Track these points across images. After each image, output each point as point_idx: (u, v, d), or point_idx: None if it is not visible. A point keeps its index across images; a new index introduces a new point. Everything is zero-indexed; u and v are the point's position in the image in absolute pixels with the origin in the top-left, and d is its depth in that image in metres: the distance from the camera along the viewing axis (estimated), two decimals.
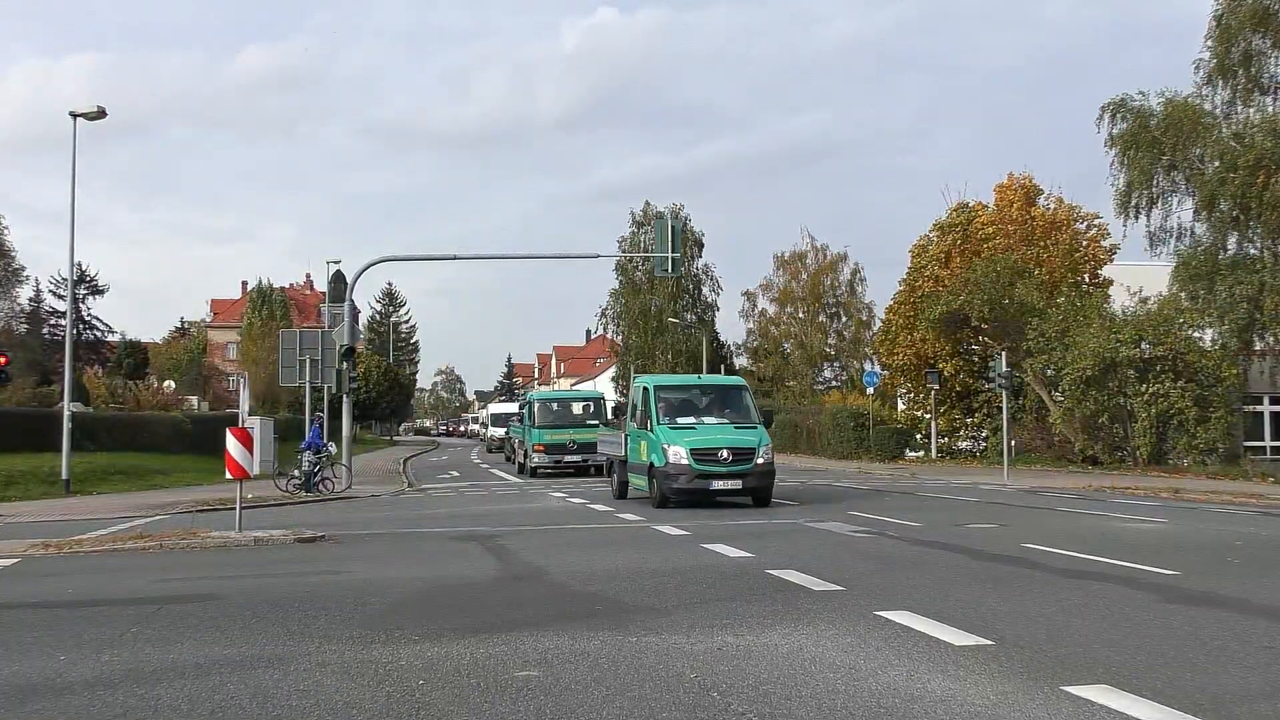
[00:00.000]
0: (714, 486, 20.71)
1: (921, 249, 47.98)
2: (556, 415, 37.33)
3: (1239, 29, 32.75)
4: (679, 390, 23.71)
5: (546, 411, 37.49)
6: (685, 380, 27.05)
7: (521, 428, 39.73)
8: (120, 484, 31.91)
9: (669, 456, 20.82)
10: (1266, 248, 32.48)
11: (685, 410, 22.38)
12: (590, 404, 38.56)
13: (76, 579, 12.57)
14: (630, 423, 23.43)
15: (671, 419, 21.81)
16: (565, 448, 36.02)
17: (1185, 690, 6.67)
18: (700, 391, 23.50)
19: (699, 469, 20.67)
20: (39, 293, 73.85)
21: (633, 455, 23.11)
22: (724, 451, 20.85)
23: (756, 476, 21.00)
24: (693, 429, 21.45)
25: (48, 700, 6.90)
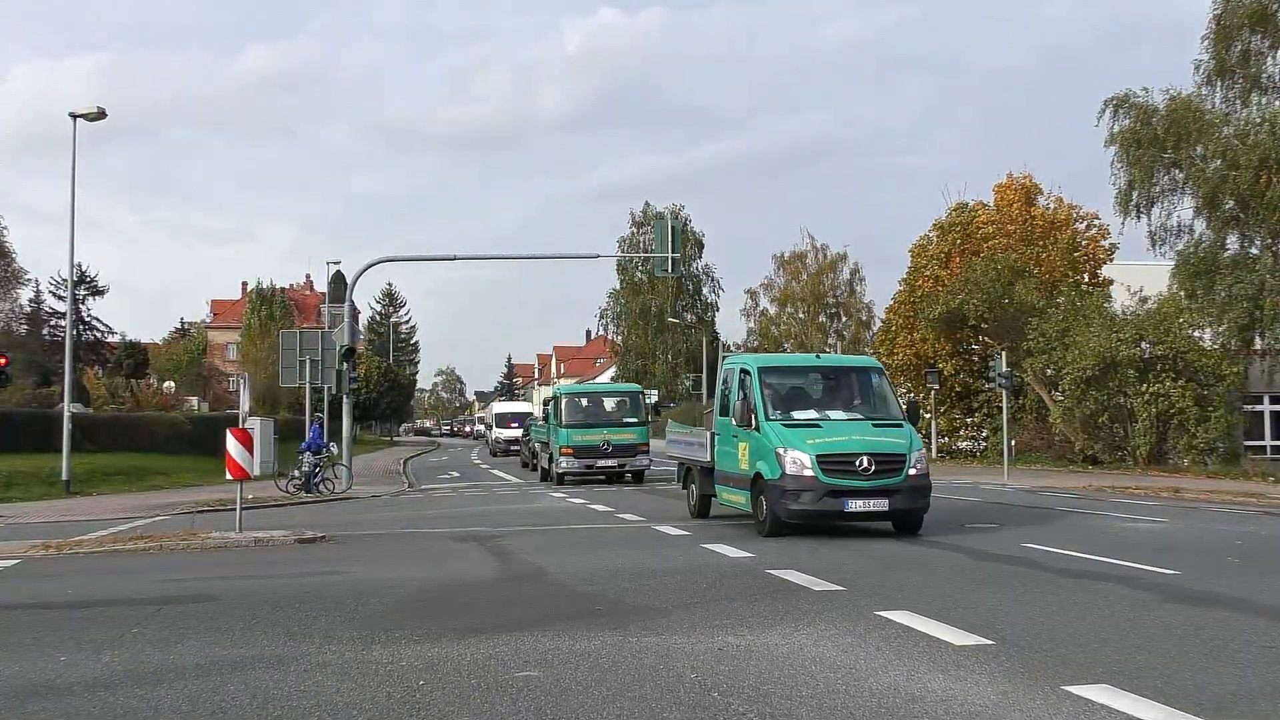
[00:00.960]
0: (850, 508, 15.16)
1: (921, 249, 47.98)
2: (588, 412, 31.86)
3: (1237, 29, 32.74)
4: (793, 373, 17.82)
5: (575, 408, 31.96)
6: (800, 361, 20.73)
7: (545, 427, 34.24)
8: (120, 485, 31.93)
9: (786, 465, 15.28)
10: (1267, 247, 32.47)
11: (800, 401, 16.82)
12: (627, 398, 32.93)
13: (76, 580, 12.57)
14: (721, 417, 17.72)
15: (784, 413, 16.23)
16: (598, 450, 30.67)
17: (1185, 690, 6.68)
18: (821, 375, 17.59)
19: (829, 483, 15.13)
20: (39, 293, 73.92)
21: (723, 462, 17.48)
22: (864, 459, 15.21)
23: (908, 494, 15.44)
24: (816, 427, 15.96)
25: (48, 701, 6.90)
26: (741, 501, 16.71)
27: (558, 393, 33.78)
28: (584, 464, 30.76)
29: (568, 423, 31.12)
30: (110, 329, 79.48)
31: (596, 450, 30.71)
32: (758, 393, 16.36)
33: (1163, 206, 34.74)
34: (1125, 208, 35.17)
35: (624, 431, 31.03)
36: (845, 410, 16.56)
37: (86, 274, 74.83)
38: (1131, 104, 34.59)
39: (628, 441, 30.73)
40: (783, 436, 15.64)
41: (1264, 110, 32.46)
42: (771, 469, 15.50)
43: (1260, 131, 31.40)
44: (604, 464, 30.82)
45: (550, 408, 33.26)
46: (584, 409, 32.06)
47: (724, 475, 17.50)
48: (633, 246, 69.71)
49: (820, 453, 15.25)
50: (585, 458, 30.74)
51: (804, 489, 15.15)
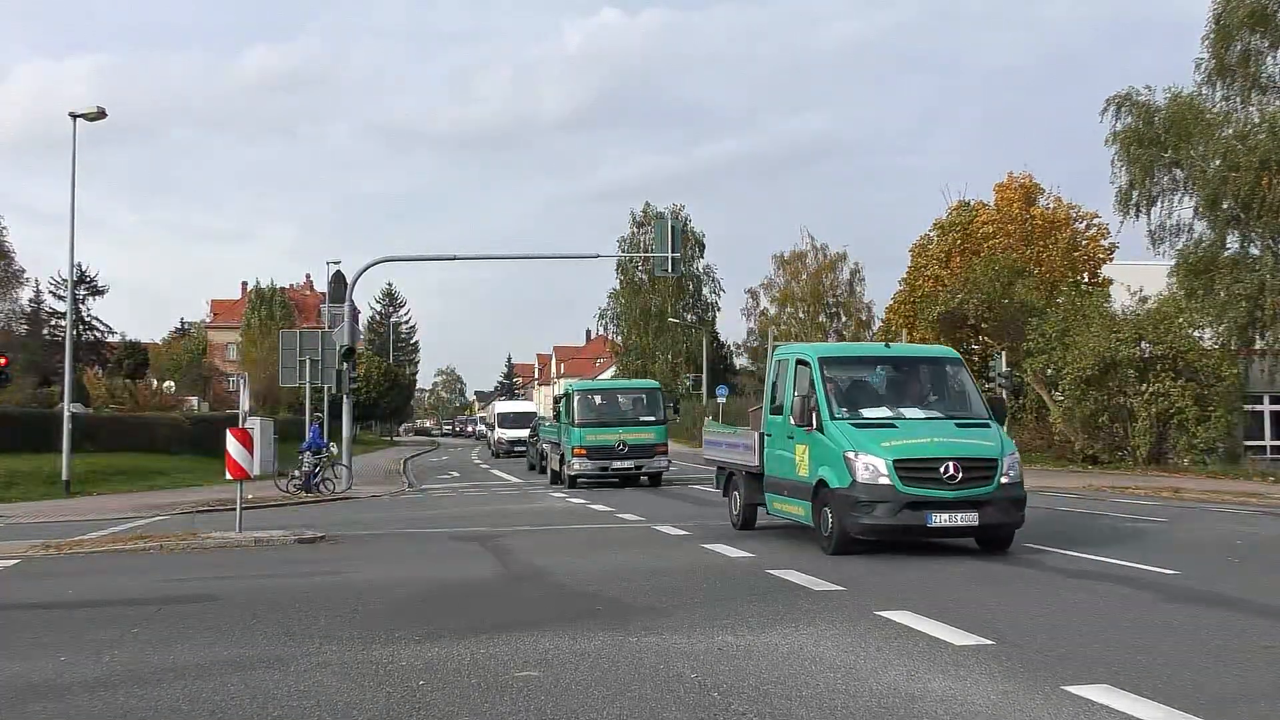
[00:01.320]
0: (934, 522, 12.93)
1: (921, 249, 48.03)
2: (602, 410, 29.76)
3: (1237, 29, 32.72)
4: (858, 364, 15.55)
5: (588, 405, 29.73)
6: (867, 350, 18.26)
7: (556, 427, 32.00)
8: (120, 485, 31.93)
9: (857, 472, 13.12)
10: (1268, 247, 32.46)
11: (868, 397, 14.57)
12: (644, 395, 30.76)
13: (77, 580, 12.58)
14: (773, 416, 15.52)
15: (852, 411, 14.01)
16: (613, 451, 28.59)
17: (1185, 690, 6.68)
18: (892, 367, 15.24)
19: (909, 493, 12.96)
20: (39, 293, 73.85)
21: (777, 467, 15.24)
22: (949, 465, 13.00)
23: (1000, 506, 13.18)
24: (891, 427, 13.70)
25: (49, 701, 6.91)
26: (800, 513, 14.48)
27: (570, 389, 31.05)
28: (598, 466, 28.72)
29: (581, 421, 28.96)
30: (110, 329, 79.48)
31: (611, 451, 28.61)
32: (820, 388, 14.05)
33: (1163, 206, 34.72)
34: (1125, 207, 35.16)
35: (641, 431, 28.96)
36: (920, 407, 14.33)
37: (86, 274, 74.82)
38: (1133, 102, 34.58)
39: (645, 442, 28.73)
40: (852, 438, 13.40)
41: (1264, 111, 32.44)
42: (839, 476, 13.29)
43: (1260, 133, 31.39)
44: (619, 466, 28.73)
45: (562, 405, 31.09)
46: (598, 407, 29.92)
47: (776, 482, 15.26)
48: (633, 246, 69.71)
49: (898, 457, 13.03)
50: (599, 459, 28.65)
51: (879, 500, 12.95)
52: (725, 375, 69.08)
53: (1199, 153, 32.94)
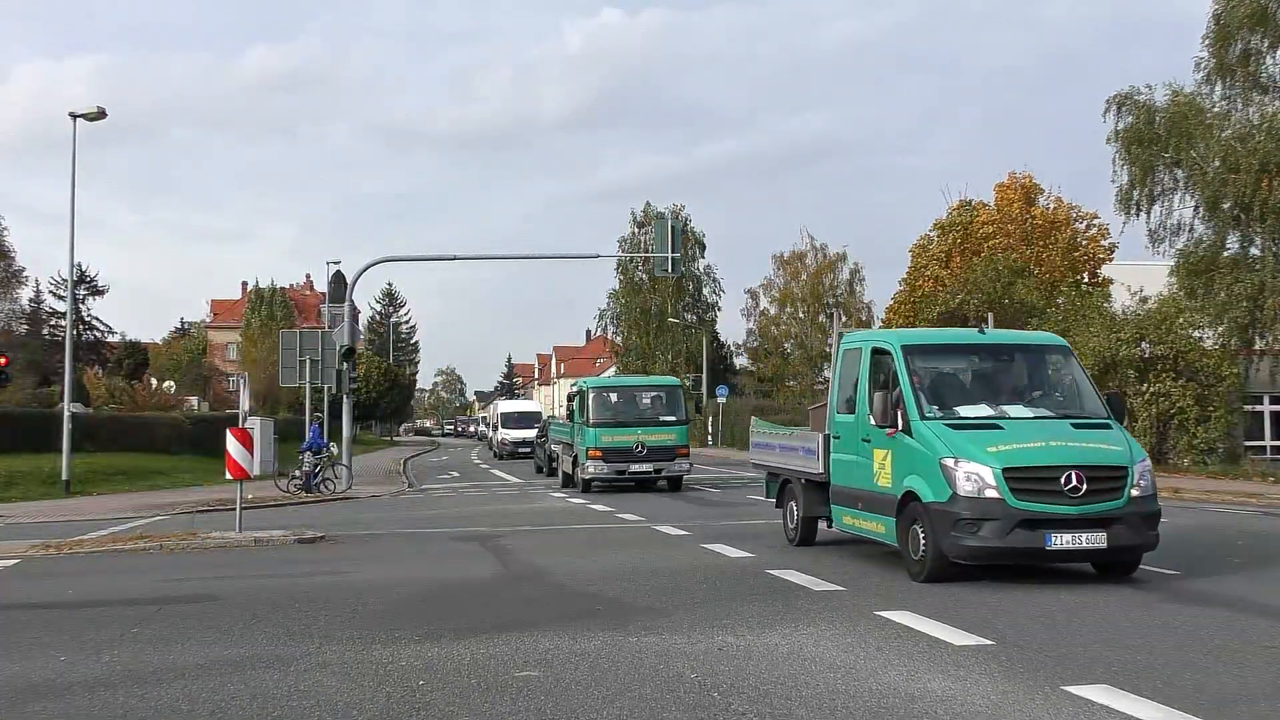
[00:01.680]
0: (1053, 544, 10.80)
1: (922, 249, 48.05)
2: (618, 409, 27.74)
3: (1237, 28, 32.71)
4: (949, 354, 13.15)
5: (604, 404, 27.72)
6: (958, 337, 14.91)
7: (569, 427, 29.93)
8: (120, 485, 31.92)
9: (958, 483, 10.93)
10: (1268, 248, 32.45)
11: (963, 392, 12.31)
12: (663, 394, 28.74)
13: (77, 580, 12.58)
14: (842, 415, 13.25)
15: (946, 409, 11.77)
16: (631, 453, 26.53)
17: (1185, 690, 6.68)
18: (989, 357, 13.04)
19: (1022, 508, 10.83)
20: (39, 293, 73.89)
21: (847, 475, 12.96)
22: (1071, 474, 10.85)
23: (1131, 524, 11.02)
24: (996, 429, 11.55)
25: (49, 701, 6.91)
26: (878, 530, 12.25)
27: (584, 386, 28.90)
28: (614, 469, 26.66)
29: (596, 421, 26.92)
30: (110, 329, 79.55)
31: (629, 453, 26.54)
32: (905, 381, 11.83)
33: (1163, 205, 34.72)
34: (1126, 206, 35.13)
35: (661, 431, 27.02)
36: (1025, 404, 12.12)
37: (86, 274, 74.83)
38: (1134, 102, 34.57)
39: (665, 443, 26.77)
40: (950, 442, 11.17)
41: (1264, 113, 32.44)
42: (934, 487, 11.05)
43: (1259, 134, 31.38)
44: (637, 469, 26.72)
45: (575, 404, 28.79)
46: (614, 405, 27.88)
47: (848, 493, 13.00)
48: (633, 246, 69.69)
49: (1009, 465, 10.88)
50: (616, 461, 26.58)
51: (985, 517, 10.77)
52: (725, 375, 69.07)
53: (1199, 153, 32.94)
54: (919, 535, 11.21)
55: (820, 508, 13.98)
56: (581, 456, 27.21)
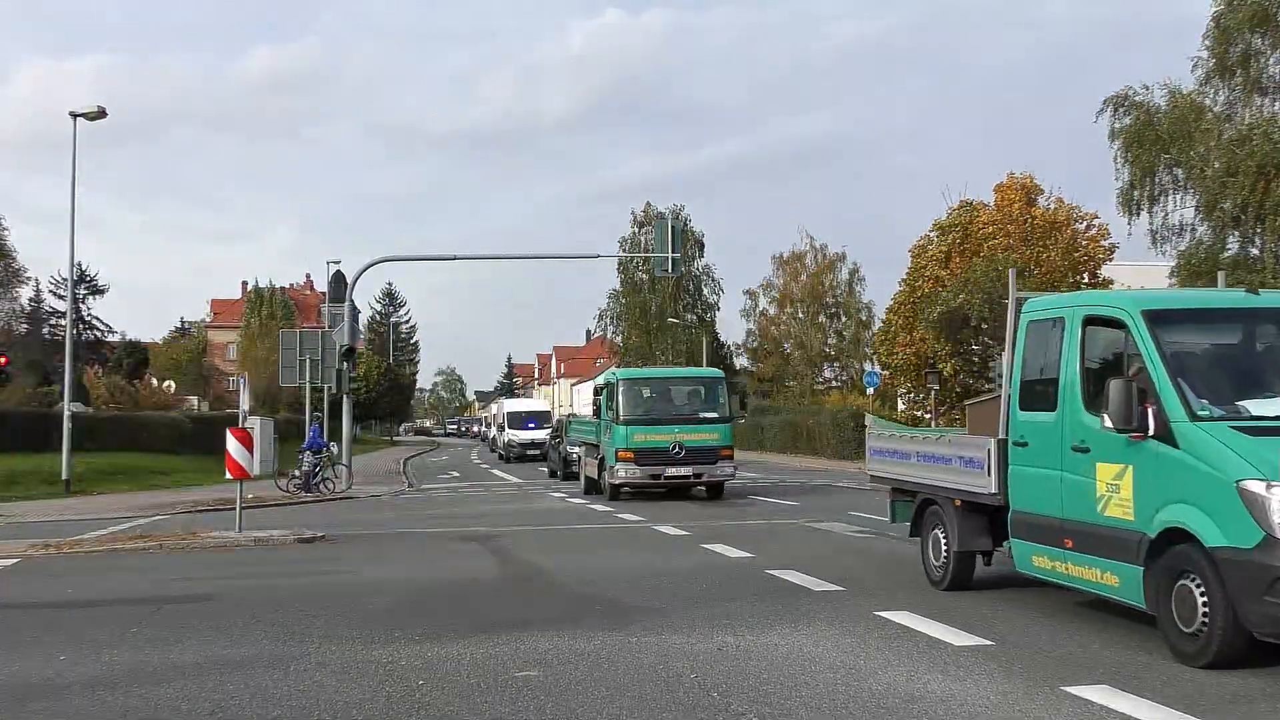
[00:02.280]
0: None
1: (921, 249, 48.01)
2: (653, 405, 24.47)
3: (1237, 29, 32.71)
4: (1213, 324, 9.22)
5: (637, 399, 24.30)
6: (1224, 301, 10.13)
7: (593, 425, 26.92)
8: (120, 484, 31.93)
9: (1273, 519, 7.05)
10: (1269, 250, 32.45)
11: (1243, 380, 8.53)
12: (704, 386, 25.35)
13: (77, 579, 12.58)
14: (1032, 413, 9.59)
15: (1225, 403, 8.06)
16: (668, 454, 23.09)
17: (1185, 691, 6.68)
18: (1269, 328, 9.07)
19: None
20: (39, 293, 73.90)
21: (1052, 499, 9.07)
22: None
23: None
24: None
25: (48, 700, 6.91)
26: (1110, 582, 8.36)
27: (614, 378, 25.25)
28: (648, 472, 23.19)
29: (627, 418, 23.54)
30: (110, 328, 79.52)
31: (665, 455, 23.07)
32: (1158, 364, 8.15)
33: (1164, 205, 34.74)
34: (1127, 205, 35.16)
35: (701, 431, 23.65)
36: None
37: (86, 273, 74.82)
38: (1131, 103, 34.58)
39: (706, 444, 23.39)
40: (1252, 454, 7.37)
41: (1263, 115, 32.45)
42: (1226, 525, 7.30)
43: (1258, 137, 31.39)
44: (675, 473, 23.23)
45: (603, 399, 25.44)
46: (648, 401, 24.51)
47: (1044, 524, 9.19)
48: (634, 246, 69.65)
49: None
50: (650, 464, 23.12)
51: None
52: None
53: (1198, 154, 32.95)
54: (1193, 596, 7.50)
55: (982, 538, 10.63)
56: (610, 458, 23.72)
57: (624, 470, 23.32)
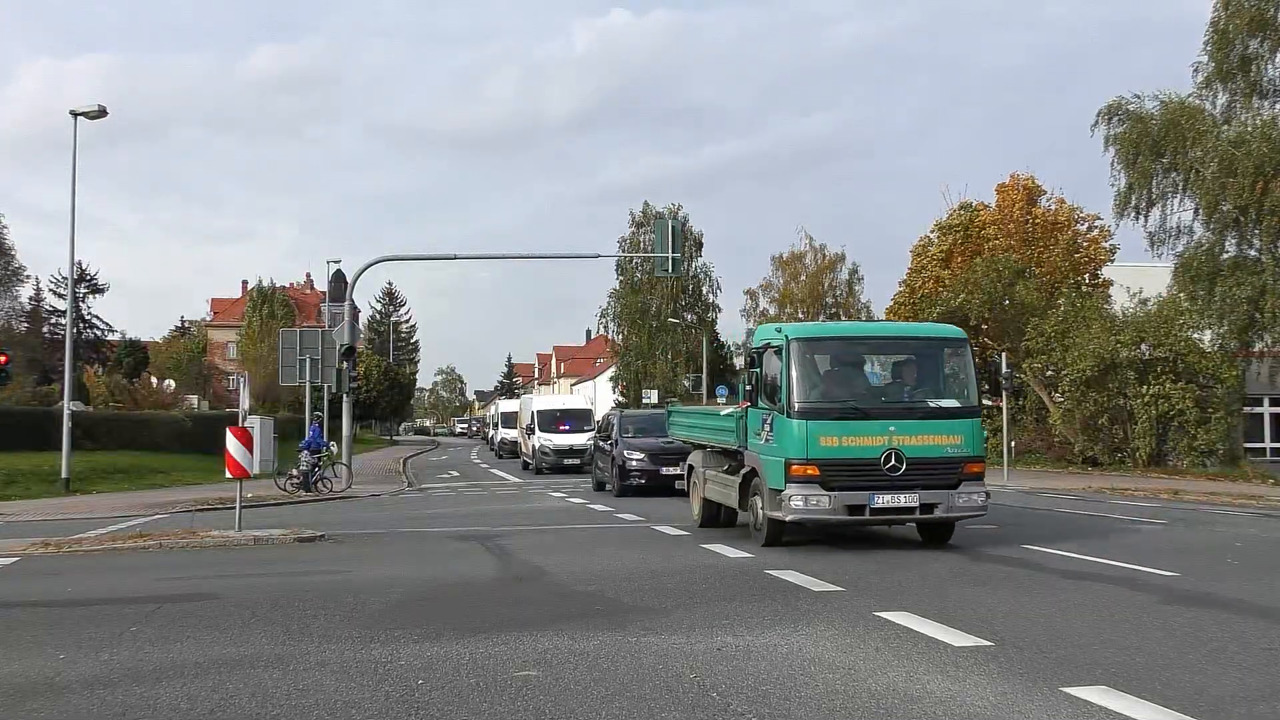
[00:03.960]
0: None
1: (922, 249, 48.06)
2: (852, 384, 14.79)
3: (1236, 32, 32.75)
4: None
5: (821, 373, 14.67)
6: None
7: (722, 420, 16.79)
8: (120, 483, 31.92)
9: None
10: (1267, 251, 32.48)
11: None
12: (936, 355, 15.07)
13: (76, 578, 12.57)
14: None
15: None
16: (876, 471, 13.79)
17: (1184, 691, 6.68)
18: None
19: None
20: (39, 291, 73.99)
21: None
22: None
23: None
24: None
25: (47, 699, 6.91)
26: None
27: (779, 337, 14.61)
28: (844, 503, 13.73)
29: (806, 406, 13.89)
30: (110, 327, 79.71)
31: (874, 473, 13.75)
32: None
33: (1162, 209, 34.77)
34: (1124, 210, 35.22)
35: (934, 431, 14.12)
36: None
37: (87, 272, 74.94)
38: (1125, 112, 34.63)
39: (943, 453, 14.01)
40: None
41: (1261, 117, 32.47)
42: None
43: (1255, 138, 31.41)
44: (889, 503, 13.85)
45: (760, 370, 14.79)
46: (839, 375, 14.78)
47: None
48: (632, 246, 69.64)
49: None
50: (848, 486, 13.75)
51: None
52: (725, 376, 69.06)
53: (1196, 156, 32.96)
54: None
55: None
56: (773, 476, 14.01)
57: (801, 498, 13.57)
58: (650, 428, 25.90)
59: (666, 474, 24.07)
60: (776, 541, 14.29)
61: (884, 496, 13.75)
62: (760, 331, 15.73)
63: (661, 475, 24.43)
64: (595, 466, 29.19)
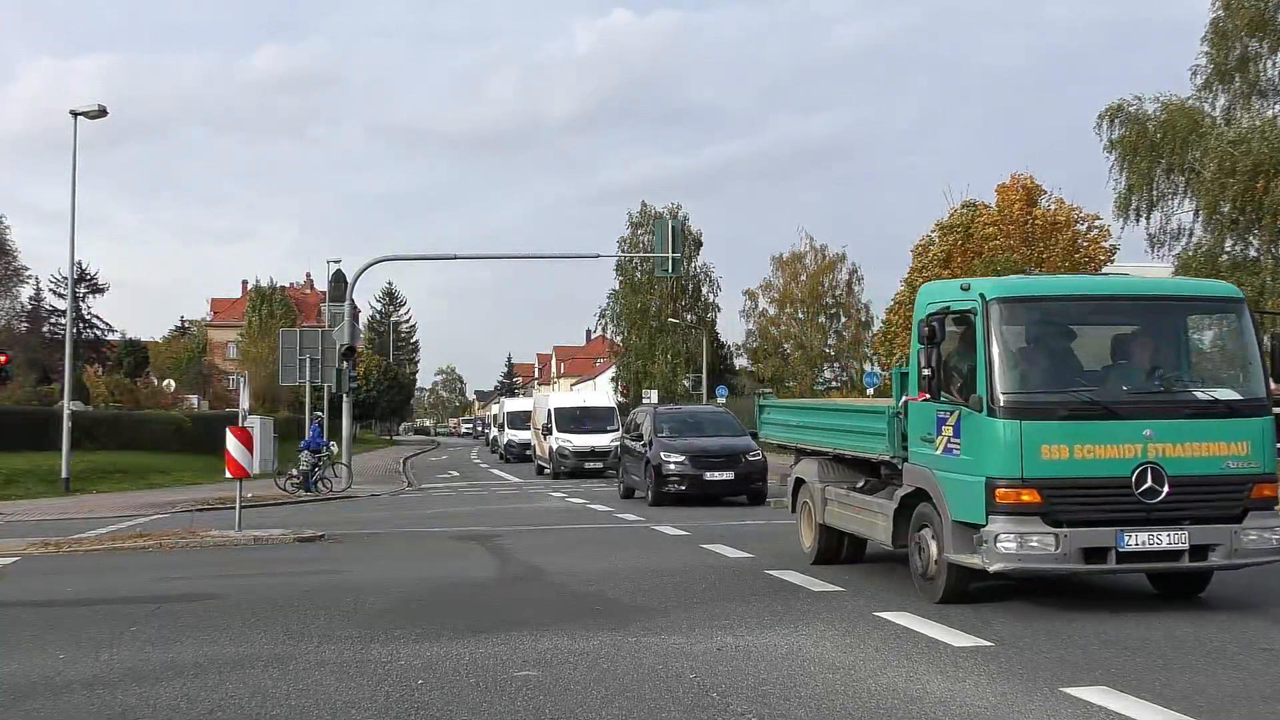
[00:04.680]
0: None
1: (923, 249, 48.06)
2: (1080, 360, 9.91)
3: (1235, 33, 32.75)
4: None
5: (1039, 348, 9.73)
6: None
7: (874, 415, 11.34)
8: (120, 483, 31.93)
9: None
10: (1266, 251, 32.48)
11: None
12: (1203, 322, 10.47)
13: (76, 578, 12.57)
14: None
15: None
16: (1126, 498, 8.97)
17: (1184, 692, 6.68)
18: None
19: None
20: (39, 291, 73.91)
21: None
22: None
23: None
24: None
25: (47, 699, 6.91)
26: None
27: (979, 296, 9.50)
28: (1079, 545, 9.01)
29: (1021, 399, 9.15)
30: (110, 327, 79.55)
31: (1121, 498, 9.04)
32: None
33: (1162, 210, 34.77)
34: (1125, 212, 35.21)
35: (1203, 432, 9.30)
36: None
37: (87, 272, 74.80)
38: (1126, 114, 34.65)
39: (1218, 467, 9.27)
40: None
41: (1259, 117, 32.48)
42: None
43: (1254, 137, 31.42)
44: (1146, 543, 9.07)
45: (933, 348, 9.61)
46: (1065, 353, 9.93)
47: None
48: (631, 246, 69.66)
49: None
50: (1082, 518, 9.07)
51: None
52: (725, 376, 69.07)
53: (1195, 157, 32.97)
54: None
55: None
56: (961, 502, 9.43)
57: (1014, 537, 9.01)
58: (689, 426, 23.57)
59: (711, 480, 21.52)
60: (959, 597, 9.73)
61: (1137, 535, 9.03)
62: (932, 291, 10.76)
63: (705, 481, 21.51)
64: (623, 471, 25.31)
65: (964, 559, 9.36)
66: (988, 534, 9.05)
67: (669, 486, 21.59)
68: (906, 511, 10.38)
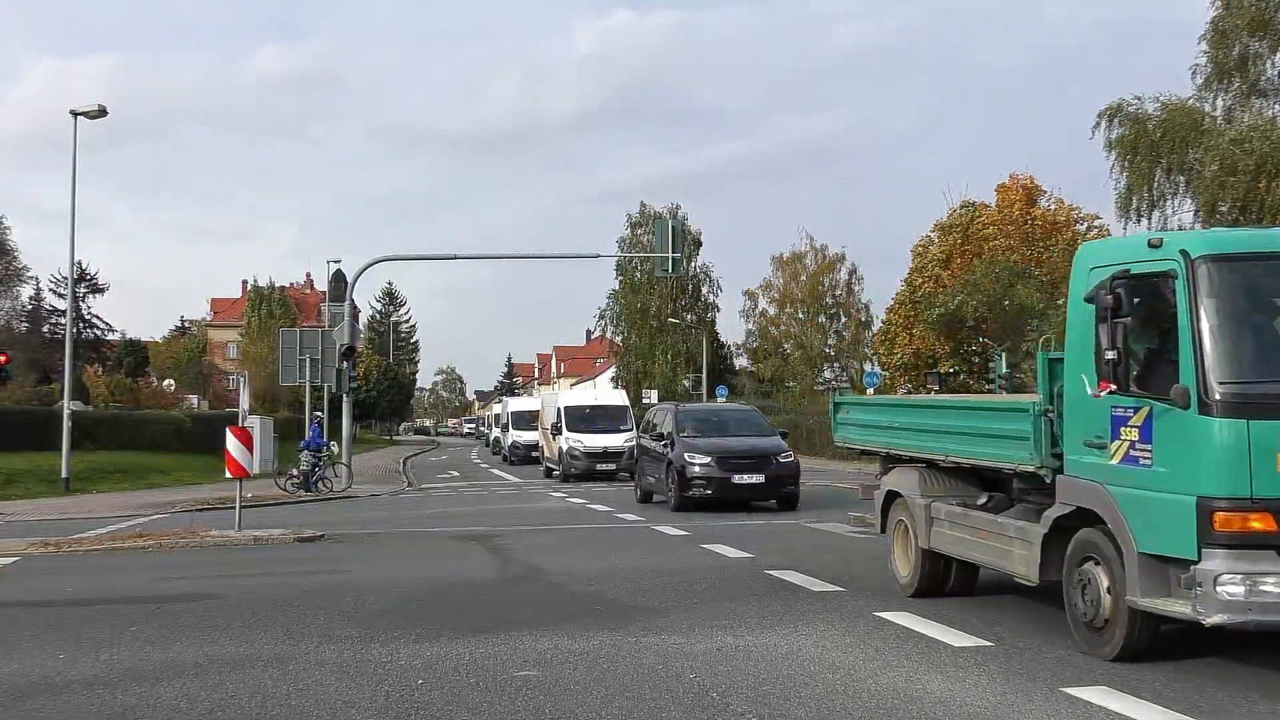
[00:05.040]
0: None
1: (923, 249, 48.06)
2: None
3: (1235, 33, 32.77)
4: None
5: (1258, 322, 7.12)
6: None
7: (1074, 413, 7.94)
8: (120, 483, 31.92)
9: None
10: None
11: None
12: None
13: (76, 578, 12.57)
14: None
15: None
16: None
17: (1184, 692, 6.68)
18: None
19: None
20: (39, 291, 73.91)
21: None
22: None
23: None
24: None
25: (47, 699, 6.91)
26: None
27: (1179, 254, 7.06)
28: None
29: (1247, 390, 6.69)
30: (110, 327, 79.54)
31: None
32: None
33: (1162, 210, 34.76)
34: (1125, 212, 35.21)
35: None
36: None
37: (87, 272, 74.81)
38: (1126, 114, 34.65)
39: None
40: None
41: (1260, 116, 32.48)
42: None
43: (1255, 136, 31.42)
44: None
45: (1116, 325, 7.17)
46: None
47: None
48: (631, 247, 69.67)
49: None
50: None
51: None
52: (725, 376, 69.08)
53: (1196, 157, 32.97)
54: None
55: None
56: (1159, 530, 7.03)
57: (1243, 580, 6.65)
58: (713, 425, 22.09)
59: (740, 483, 20.07)
60: (1140, 654, 7.51)
61: None
62: (1098, 251, 8.38)
63: (733, 485, 20.06)
64: (641, 473, 23.46)
65: (1162, 606, 7.04)
66: (1203, 574, 6.68)
67: (693, 490, 20.15)
68: (1060, 537, 8.08)
